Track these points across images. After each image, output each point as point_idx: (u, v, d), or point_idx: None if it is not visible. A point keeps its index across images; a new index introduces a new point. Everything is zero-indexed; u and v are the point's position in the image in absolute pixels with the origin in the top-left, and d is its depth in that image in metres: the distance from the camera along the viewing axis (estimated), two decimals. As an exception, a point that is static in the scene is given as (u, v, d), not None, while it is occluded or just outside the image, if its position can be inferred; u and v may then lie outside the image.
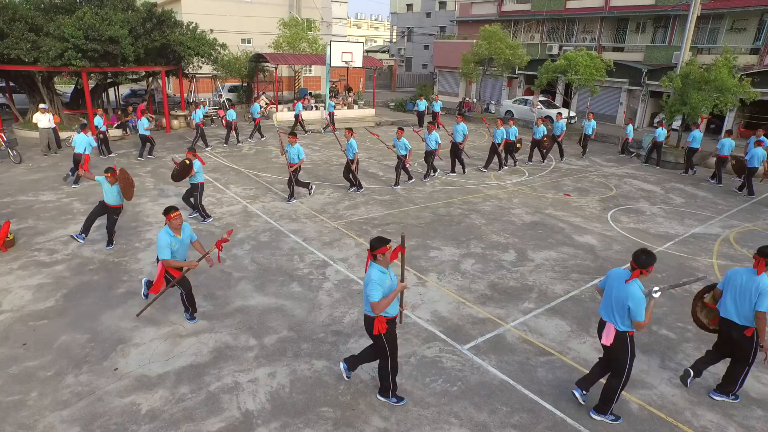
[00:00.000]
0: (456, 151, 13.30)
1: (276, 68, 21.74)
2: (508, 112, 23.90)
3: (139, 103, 20.93)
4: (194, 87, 21.17)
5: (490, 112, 25.56)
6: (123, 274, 7.22)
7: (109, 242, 8.16)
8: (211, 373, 5.19)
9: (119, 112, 15.99)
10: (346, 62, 19.73)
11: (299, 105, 18.15)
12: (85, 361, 5.28)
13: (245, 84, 24.87)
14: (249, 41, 29.29)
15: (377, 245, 4.36)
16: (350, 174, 11.41)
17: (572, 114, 22.41)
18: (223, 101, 22.49)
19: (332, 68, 20.63)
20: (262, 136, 17.68)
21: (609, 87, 23.31)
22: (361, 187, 11.56)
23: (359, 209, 10.44)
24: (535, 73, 26.10)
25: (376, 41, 65.78)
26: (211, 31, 19.48)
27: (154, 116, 18.52)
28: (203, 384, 4.98)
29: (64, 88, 23.92)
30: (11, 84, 17.81)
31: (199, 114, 15.76)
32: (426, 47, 41.15)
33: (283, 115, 21.33)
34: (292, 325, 6.11)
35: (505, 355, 5.75)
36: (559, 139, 15.93)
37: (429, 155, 12.75)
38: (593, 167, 15.63)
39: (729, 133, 15.08)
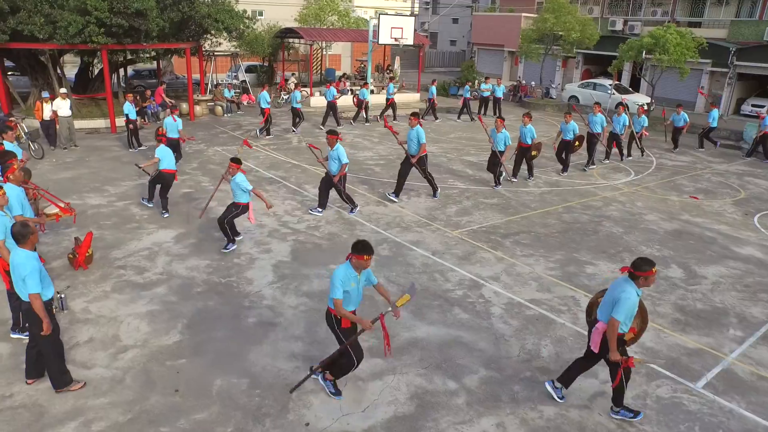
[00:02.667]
0: (525, 154, 12.64)
1: (312, 45, 21.22)
2: (573, 98, 23.64)
3: (153, 86, 20.36)
4: (213, 67, 20.63)
5: (551, 98, 25.29)
6: (242, 299, 6.79)
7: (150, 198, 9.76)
8: (427, 426, 4.79)
9: (137, 97, 15.43)
10: (396, 39, 19.33)
11: (332, 89, 17.65)
12: (263, 414, 4.85)
13: (266, 63, 24.36)
14: (261, 14, 28.75)
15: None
16: (499, 167, 11.81)
17: (650, 101, 22.15)
18: (242, 82, 21.98)
19: (375, 47, 20.27)
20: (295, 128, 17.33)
21: (679, 68, 23.02)
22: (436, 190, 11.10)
23: (473, 215, 10.09)
24: (598, 53, 25.94)
25: (388, 13, 64.98)
26: (237, 1, 19.00)
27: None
28: (427, 442, 4.60)
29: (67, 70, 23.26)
30: (6, 64, 17.18)
31: (297, 96, 16.63)
32: (455, 21, 40.82)
33: (317, 101, 20.86)
34: (486, 362, 5.75)
35: (750, 396, 5.47)
36: (639, 137, 15.40)
37: (523, 152, 12.55)
38: (701, 164, 15.42)
39: None
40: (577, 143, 13.27)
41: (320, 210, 9.94)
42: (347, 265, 4.73)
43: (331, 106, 17.21)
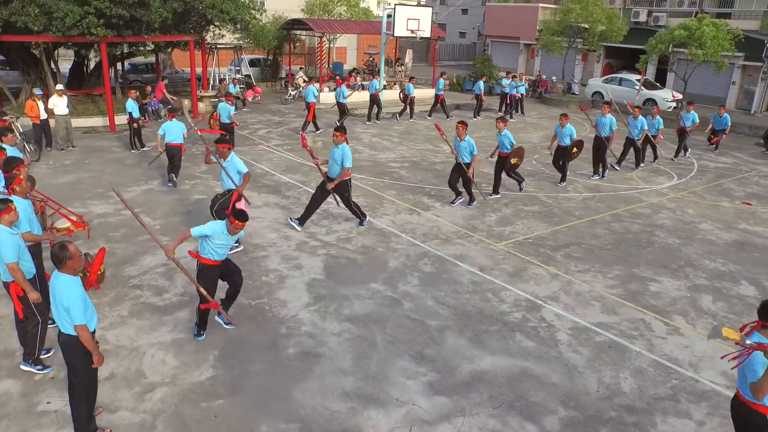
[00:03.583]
0: (564, 155, 12.08)
1: (321, 38, 20.70)
2: (596, 93, 23.18)
3: (150, 81, 19.82)
4: (216, 60, 20.07)
5: (574, 94, 24.82)
6: (277, 325, 6.28)
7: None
8: (512, 483, 4.32)
9: (137, 93, 14.89)
10: (412, 31, 18.84)
11: (342, 88, 17.12)
12: (321, 468, 4.37)
13: (271, 57, 23.81)
14: (263, 4, 28.17)
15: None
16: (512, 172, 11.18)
17: (678, 96, 21.69)
18: (246, 77, 21.42)
19: (389, 39, 19.78)
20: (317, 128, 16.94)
21: (716, 62, 22.62)
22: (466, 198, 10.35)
23: (515, 225, 9.61)
24: (620, 45, 25.43)
25: (390, 3, 64.57)
26: None
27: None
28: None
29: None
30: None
31: (375, 84, 17.21)
32: (464, 12, 40.32)
33: (326, 96, 20.36)
34: (563, 399, 5.27)
35: None
36: (656, 140, 14.40)
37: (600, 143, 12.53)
38: (745, 165, 14.97)
39: None
40: (575, 149, 11.99)
41: (300, 225, 8.87)
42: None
43: (341, 107, 16.71)
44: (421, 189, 11.27)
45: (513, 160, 10.99)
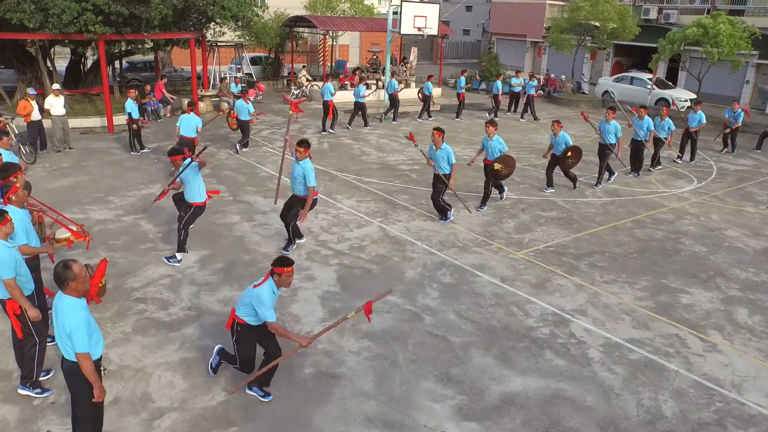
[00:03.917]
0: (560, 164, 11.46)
1: (325, 35, 20.39)
2: (606, 92, 22.88)
3: (148, 80, 19.50)
4: (217, 58, 19.73)
5: (584, 93, 24.51)
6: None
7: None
8: None
9: (132, 92, 14.54)
10: (419, 28, 18.53)
11: (361, 88, 16.80)
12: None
13: (272, 55, 23.48)
14: (264, 1, 27.85)
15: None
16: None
17: (692, 96, 21.39)
18: (247, 75, 21.09)
19: (394, 37, 19.44)
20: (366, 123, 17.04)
21: (731, 61, 22.35)
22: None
23: (535, 232, 9.31)
24: (629, 43, 25.13)
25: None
26: None
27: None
28: None
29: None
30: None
31: (394, 84, 17.56)
32: (468, 9, 40.00)
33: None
34: (602, 425, 4.97)
35: None
36: (696, 133, 14.31)
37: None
38: (765, 168, 14.67)
39: None
40: (570, 156, 11.01)
41: (296, 242, 8.12)
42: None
43: (360, 107, 16.47)
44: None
45: (497, 167, 9.87)
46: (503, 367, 5.76)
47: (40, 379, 5.15)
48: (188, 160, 7.28)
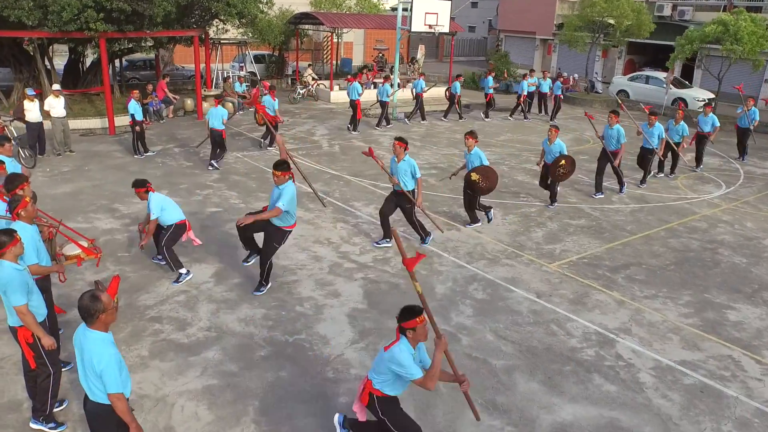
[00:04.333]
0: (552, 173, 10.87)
1: (333, 33, 20.06)
2: (622, 92, 22.60)
3: (149, 79, 19.12)
4: (220, 57, 19.39)
5: (597, 92, 24.21)
6: (322, 367, 5.63)
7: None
8: None
9: (135, 92, 14.20)
10: (430, 26, 18.19)
11: (386, 86, 16.53)
12: None
13: (276, 53, 23.13)
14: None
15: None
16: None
17: (710, 96, 21.09)
18: (250, 74, 20.76)
19: (404, 34, 19.12)
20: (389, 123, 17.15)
21: (753, 60, 22.03)
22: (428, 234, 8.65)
23: (565, 242, 9.00)
24: (643, 41, 24.86)
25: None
26: None
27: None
28: None
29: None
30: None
31: (421, 84, 17.53)
32: (474, 5, 39.71)
33: (338, 95, 19.72)
34: (666, 464, 4.69)
35: None
36: (711, 138, 13.63)
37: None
38: (792, 170, 14.45)
39: None
40: (562, 165, 9.98)
41: (267, 285, 7.05)
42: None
43: (384, 106, 16.67)
44: (456, 200, 10.62)
45: (474, 177, 8.89)
46: (551, 393, 5.45)
47: (54, 410, 4.84)
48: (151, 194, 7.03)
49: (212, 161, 12.11)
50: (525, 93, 18.62)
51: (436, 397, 5.29)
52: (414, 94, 17.89)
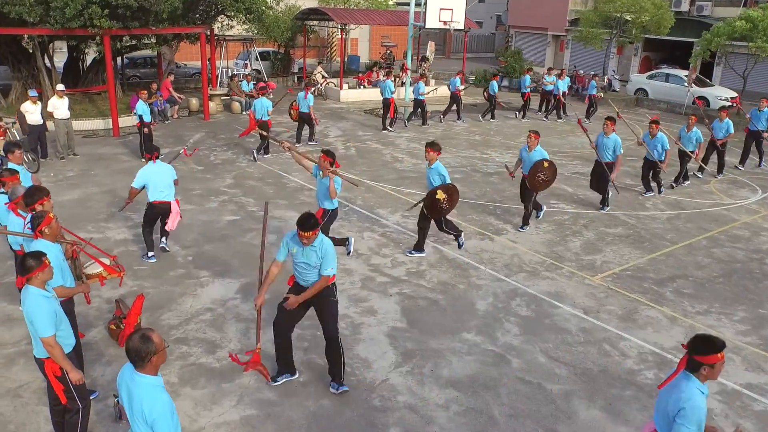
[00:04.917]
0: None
1: (343, 29, 19.77)
2: (640, 90, 22.36)
3: (150, 77, 18.81)
4: (225, 54, 19.08)
5: (615, 91, 23.93)
6: (367, 394, 5.34)
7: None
8: None
9: (144, 92, 13.90)
10: (445, 22, 17.96)
11: (388, 83, 16.21)
12: None
13: (282, 50, 22.81)
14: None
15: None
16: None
17: (732, 95, 20.85)
18: (256, 72, 20.46)
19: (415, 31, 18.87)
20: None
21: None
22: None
23: (605, 252, 8.74)
24: (659, 38, 24.65)
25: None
26: None
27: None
28: None
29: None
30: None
31: (456, 82, 17.39)
32: (481, 0, 39.43)
33: (348, 94, 19.44)
34: (751, 504, 4.44)
35: None
36: (720, 144, 12.95)
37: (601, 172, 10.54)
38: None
39: None
40: (542, 169, 8.87)
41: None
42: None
43: (419, 104, 16.82)
44: (484, 207, 10.39)
45: (440, 195, 7.93)
46: (615, 422, 5.18)
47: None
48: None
49: (254, 151, 13.01)
50: (560, 93, 18.36)
51: (492, 426, 5.00)
52: (413, 96, 17.56)
